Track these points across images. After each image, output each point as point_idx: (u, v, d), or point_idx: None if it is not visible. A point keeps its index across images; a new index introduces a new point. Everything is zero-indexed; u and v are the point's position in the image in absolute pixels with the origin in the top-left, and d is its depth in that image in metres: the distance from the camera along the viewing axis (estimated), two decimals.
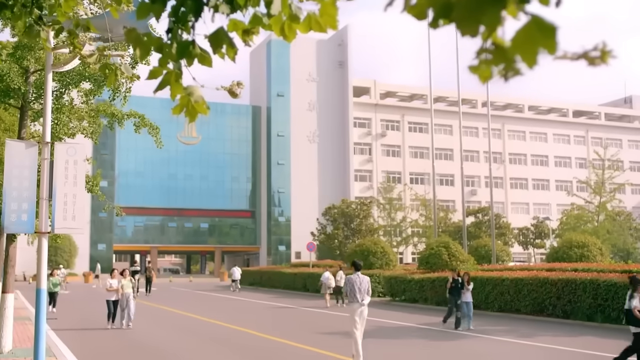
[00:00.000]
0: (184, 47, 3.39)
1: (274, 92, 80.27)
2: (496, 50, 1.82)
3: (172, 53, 3.42)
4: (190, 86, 3.46)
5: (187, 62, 3.45)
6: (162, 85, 3.47)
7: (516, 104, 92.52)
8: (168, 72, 3.45)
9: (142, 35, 3.61)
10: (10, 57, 12.16)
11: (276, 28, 3.35)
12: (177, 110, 3.45)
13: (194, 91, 3.43)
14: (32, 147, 8.97)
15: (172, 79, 3.44)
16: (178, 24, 3.47)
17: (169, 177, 77.58)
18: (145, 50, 3.58)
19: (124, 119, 14.27)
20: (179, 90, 3.43)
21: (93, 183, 14.09)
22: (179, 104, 3.44)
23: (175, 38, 3.43)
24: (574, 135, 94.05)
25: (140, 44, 3.58)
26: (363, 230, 47.80)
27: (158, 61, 3.51)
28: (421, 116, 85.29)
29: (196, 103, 3.42)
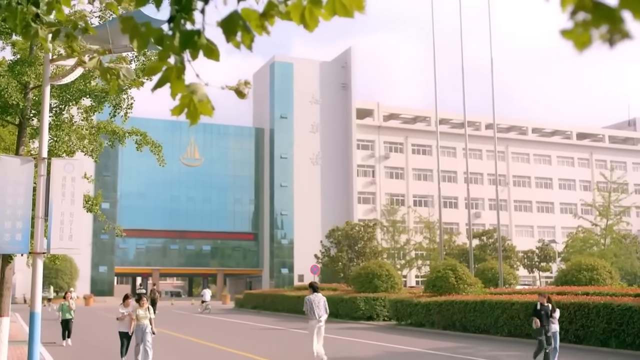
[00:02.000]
0: (188, 37, 2.96)
1: (277, 114, 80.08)
2: (597, 9, 1.39)
3: (173, 45, 2.99)
4: (193, 84, 3.02)
5: (191, 55, 3.02)
6: (161, 82, 3.04)
7: (520, 126, 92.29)
8: (169, 67, 3.02)
9: (140, 25, 3.19)
10: (8, 72, 11.80)
11: (295, 14, 2.93)
12: (177, 110, 3.01)
13: (197, 89, 2.99)
14: (28, 163, 8.56)
15: (173, 75, 3.01)
16: (181, 13, 3.05)
17: (171, 199, 77.14)
18: (144, 41, 3.15)
19: (125, 137, 13.88)
20: (181, 88, 2.99)
21: (93, 202, 13.67)
22: (179, 104, 3.01)
23: (177, 27, 3.01)
24: (578, 158, 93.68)
25: (138, 35, 3.15)
26: (367, 252, 47.20)
27: (158, 55, 3.08)
28: (424, 138, 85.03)
29: (200, 102, 2.98)
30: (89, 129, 13.80)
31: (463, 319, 25.49)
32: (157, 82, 3.13)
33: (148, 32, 3.12)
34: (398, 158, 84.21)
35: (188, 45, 2.98)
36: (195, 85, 3.00)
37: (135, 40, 3.15)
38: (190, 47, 2.98)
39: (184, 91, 3.00)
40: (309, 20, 2.92)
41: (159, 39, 3.06)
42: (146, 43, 3.18)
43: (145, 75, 3.62)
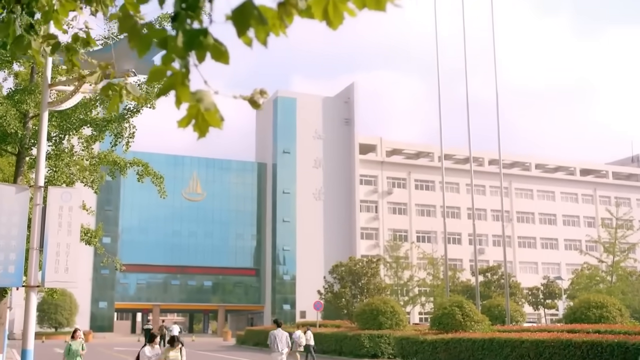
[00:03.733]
0: (194, 36, 2.58)
1: (280, 149, 79.92)
2: None
3: (178, 46, 2.62)
4: (200, 91, 2.62)
5: (198, 58, 2.64)
6: (164, 89, 2.65)
7: (523, 162, 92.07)
8: (173, 72, 2.64)
9: (141, 27, 2.81)
10: (7, 100, 11.49)
11: (318, 9, 2.56)
12: (184, 122, 2.62)
13: (204, 96, 2.59)
14: (23, 191, 8.17)
15: (178, 81, 2.63)
16: (187, 10, 2.68)
17: (173, 233, 76.62)
18: (145, 44, 2.77)
19: (126, 168, 13.53)
20: (186, 95, 2.61)
21: (92, 235, 13.26)
22: (186, 115, 2.62)
23: (182, 26, 2.63)
24: (581, 194, 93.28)
25: (139, 36, 2.78)
26: (371, 288, 46.61)
27: (161, 59, 2.70)
28: (428, 174, 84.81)
29: (207, 112, 2.58)
30: (90, 159, 13.45)
31: (471, 358, 24.85)
32: (160, 89, 2.74)
33: (150, 33, 2.75)
34: (401, 193, 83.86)
35: (193, 46, 2.60)
36: (202, 92, 2.61)
37: (136, 43, 2.78)
38: (195, 48, 2.60)
39: (189, 100, 2.62)
40: (333, 16, 2.55)
41: (162, 41, 2.69)
42: (148, 45, 2.80)
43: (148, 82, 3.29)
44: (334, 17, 2.52)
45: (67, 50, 4.65)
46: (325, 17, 2.52)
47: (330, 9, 2.51)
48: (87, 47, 4.60)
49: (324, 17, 2.53)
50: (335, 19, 2.53)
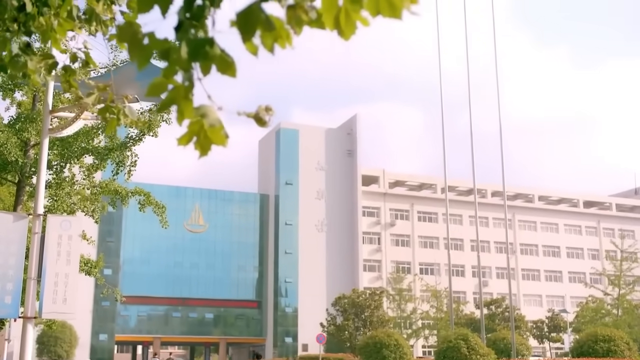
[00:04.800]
0: (199, 45, 2.41)
1: (283, 181, 79.80)
2: None
3: (181, 57, 2.44)
4: (203, 106, 2.44)
5: (202, 70, 2.46)
6: (166, 103, 2.46)
7: (526, 194, 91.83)
8: (175, 86, 2.46)
9: (142, 36, 2.64)
10: (8, 128, 11.38)
11: (329, 18, 2.39)
12: (185, 139, 2.43)
13: (208, 112, 2.40)
14: (22, 219, 7.99)
15: (181, 95, 2.45)
16: (191, 20, 2.52)
17: (175, 265, 76.19)
18: (145, 55, 2.60)
19: (128, 197, 13.37)
20: (189, 110, 2.42)
21: (92, 265, 13.05)
22: (187, 131, 2.43)
23: (185, 35, 2.46)
24: (585, 226, 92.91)
25: (139, 47, 2.60)
26: (374, 321, 46.11)
27: (162, 72, 2.52)
28: (430, 206, 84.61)
29: (211, 128, 2.39)
30: (91, 188, 13.30)
31: None
32: (161, 103, 2.55)
33: (151, 44, 2.57)
34: (404, 225, 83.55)
35: (198, 56, 2.42)
36: (206, 107, 2.43)
37: (135, 54, 2.61)
38: (200, 59, 2.43)
39: (192, 115, 2.44)
40: (345, 26, 2.38)
41: (164, 52, 2.51)
42: (148, 57, 2.62)
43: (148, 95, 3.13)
44: (346, 26, 2.36)
45: (64, 71, 4.50)
46: (336, 26, 2.37)
47: (342, 18, 2.35)
48: (86, 67, 4.45)
49: (336, 26, 2.37)
50: (347, 29, 2.37)
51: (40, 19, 3.98)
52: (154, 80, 2.51)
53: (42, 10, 3.95)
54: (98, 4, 4.37)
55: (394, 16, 2.32)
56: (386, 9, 2.29)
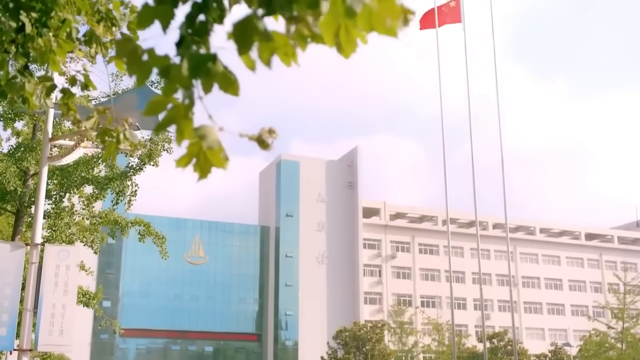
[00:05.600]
0: (201, 61, 2.30)
1: (283, 212, 79.66)
2: None
3: (181, 75, 2.33)
4: (203, 126, 2.31)
5: (204, 87, 2.35)
6: (165, 123, 2.33)
7: (527, 226, 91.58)
8: (175, 104, 2.35)
9: (142, 52, 2.53)
10: (8, 157, 11.29)
11: (328, 33, 2.28)
12: (184, 161, 2.30)
13: (208, 133, 2.27)
14: (19, 249, 7.85)
15: (181, 114, 2.33)
16: (194, 35, 2.41)
17: (174, 297, 75.71)
18: (145, 72, 2.48)
19: (128, 227, 13.24)
20: (189, 130, 2.31)
21: (90, 297, 12.87)
22: (186, 153, 2.30)
23: (187, 51, 2.35)
24: (587, 259, 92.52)
25: (138, 64, 2.49)
26: (376, 355, 45.64)
27: (162, 89, 2.41)
28: (432, 238, 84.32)
29: (210, 150, 2.26)
30: (90, 218, 13.17)
31: None
32: (160, 123, 2.43)
33: (151, 61, 2.46)
34: (405, 258, 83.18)
35: (200, 73, 2.31)
36: (205, 128, 2.30)
37: (134, 70, 2.50)
38: (202, 75, 2.31)
39: (192, 136, 2.32)
40: (345, 42, 2.27)
41: (164, 69, 2.40)
42: (148, 74, 2.50)
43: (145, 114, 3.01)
44: (346, 43, 2.24)
45: (63, 94, 4.41)
46: (336, 42, 2.26)
47: (342, 34, 2.24)
48: (85, 89, 4.36)
49: (335, 42, 2.26)
50: (347, 46, 2.25)
51: (39, 40, 3.89)
52: (153, 98, 2.40)
53: (41, 32, 3.86)
54: (98, 25, 4.30)
55: (388, 34, 2.21)
56: (379, 26, 2.19)
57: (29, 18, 3.81)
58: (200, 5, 2.45)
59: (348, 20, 2.21)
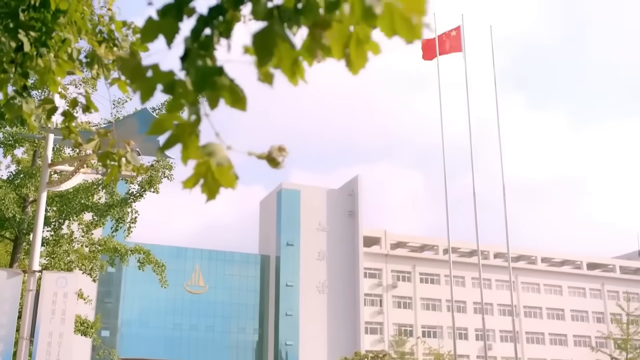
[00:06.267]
0: (207, 74, 2.20)
1: (284, 241, 79.39)
2: None
3: (187, 91, 2.22)
4: (211, 143, 2.20)
5: (210, 102, 2.24)
6: (170, 141, 2.22)
7: (529, 256, 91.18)
8: (180, 122, 2.23)
9: (146, 68, 2.42)
10: (7, 184, 11.18)
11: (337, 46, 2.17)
12: (191, 182, 2.18)
13: (216, 150, 2.16)
14: (16, 276, 7.70)
15: (187, 132, 2.22)
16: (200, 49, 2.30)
17: (174, 327, 75.11)
18: (149, 88, 2.38)
19: (127, 255, 13.08)
20: (195, 149, 2.20)
21: (88, 325, 12.68)
22: (193, 173, 2.19)
23: (193, 64, 2.24)
24: (589, 288, 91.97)
25: (142, 80, 2.38)
26: None
27: (166, 106, 2.29)
28: (433, 267, 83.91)
29: (219, 168, 2.15)
30: (89, 246, 13.02)
31: None
32: (165, 142, 2.32)
33: (155, 77, 2.35)
34: (406, 287, 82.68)
35: (206, 87, 2.20)
36: (213, 145, 2.18)
37: (138, 85, 2.39)
38: (208, 89, 2.20)
39: (199, 155, 2.20)
40: (355, 56, 2.16)
41: (169, 85, 2.30)
42: (152, 90, 2.39)
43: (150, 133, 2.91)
44: (356, 56, 2.13)
45: (64, 116, 4.31)
46: (344, 56, 2.15)
47: (352, 46, 2.12)
48: (87, 112, 4.26)
49: (344, 56, 2.15)
50: (357, 60, 2.14)
51: (38, 60, 3.80)
52: (158, 116, 2.29)
53: (40, 51, 3.77)
54: (100, 46, 4.21)
55: (411, 37, 2.09)
56: (403, 27, 2.06)
57: (28, 37, 3.72)
58: (206, 18, 2.35)
59: (363, 26, 2.10)
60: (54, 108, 4.43)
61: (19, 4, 3.82)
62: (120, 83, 4.41)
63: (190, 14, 2.36)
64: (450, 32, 39.68)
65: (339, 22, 2.11)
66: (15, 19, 3.86)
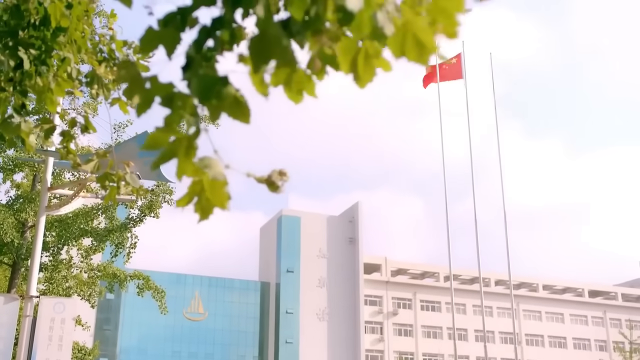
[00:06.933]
0: (210, 83, 2.12)
1: (284, 268, 79.06)
2: None
3: (187, 103, 2.14)
4: (207, 157, 2.11)
5: (211, 114, 2.16)
6: (166, 156, 2.14)
7: (530, 283, 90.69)
8: (178, 137, 2.15)
9: (144, 80, 2.34)
10: (6, 208, 11.09)
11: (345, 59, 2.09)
12: (184, 201, 2.09)
13: (213, 164, 2.06)
14: (13, 302, 7.57)
15: (183, 146, 2.13)
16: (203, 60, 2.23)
17: (173, 354, 74.48)
18: (146, 100, 2.30)
19: (127, 281, 12.94)
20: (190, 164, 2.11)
21: (86, 352, 12.50)
22: (187, 192, 2.09)
23: (195, 74, 2.16)
24: (591, 316, 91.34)
25: (140, 90, 2.30)
26: None
27: (164, 120, 2.21)
28: (433, 294, 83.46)
29: (213, 183, 2.06)
30: (88, 271, 12.89)
31: None
32: (159, 157, 2.22)
33: (154, 89, 2.27)
34: (406, 314, 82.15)
35: (209, 97, 2.12)
36: (210, 159, 2.09)
37: (136, 97, 2.31)
38: (212, 99, 2.12)
39: (194, 169, 2.10)
40: (363, 71, 2.08)
41: (167, 98, 2.21)
42: (149, 102, 2.31)
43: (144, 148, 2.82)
44: (364, 71, 2.06)
45: (63, 137, 4.24)
46: (352, 70, 2.07)
47: (361, 60, 2.05)
48: (85, 132, 4.18)
49: (352, 70, 2.08)
50: (364, 74, 2.06)
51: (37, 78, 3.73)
52: (154, 131, 2.20)
53: (40, 69, 3.71)
54: (100, 65, 4.15)
55: (420, 60, 2.02)
56: (413, 50, 1.99)
57: (27, 55, 3.66)
58: (209, 30, 2.27)
59: (370, 44, 2.04)
60: (52, 127, 4.36)
61: (19, 23, 3.77)
62: (121, 103, 4.34)
63: (193, 24, 2.28)
64: (451, 59, 39.83)
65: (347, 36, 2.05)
66: (14, 37, 3.80)
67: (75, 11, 3.60)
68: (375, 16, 1.96)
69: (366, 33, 1.99)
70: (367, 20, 1.96)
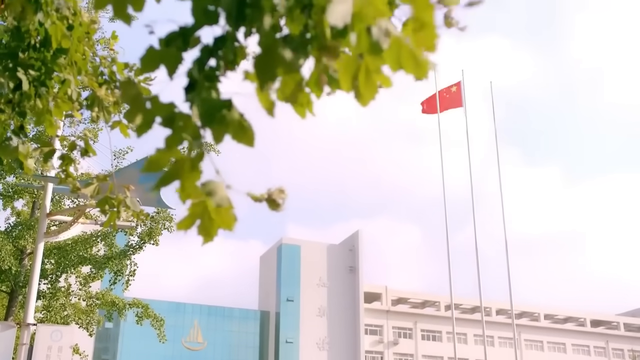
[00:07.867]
0: (214, 108, 2.07)
1: (284, 297, 78.59)
2: None
3: (188, 124, 2.09)
4: (210, 181, 2.05)
5: (215, 137, 2.11)
6: (167, 178, 2.09)
7: (531, 312, 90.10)
8: (179, 158, 2.09)
9: (145, 100, 2.29)
10: (4, 235, 11.00)
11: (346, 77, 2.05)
12: (186, 223, 2.03)
13: (216, 189, 2.01)
14: (10, 329, 7.46)
15: (186, 168, 2.07)
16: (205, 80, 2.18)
17: None
18: (147, 120, 2.25)
19: (125, 309, 12.80)
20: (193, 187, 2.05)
21: None
22: (188, 214, 2.04)
23: (199, 96, 2.11)
24: (594, 346, 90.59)
25: (140, 110, 2.25)
26: None
27: (165, 140, 2.16)
28: (434, 324, 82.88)
29: (218, 208, 2.01)
30: (87, 299, 12.75)
31: None
32: (160, 179, 2.16)
33: (154, 109, 2.22)
34: (407, 344, 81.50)
35: (213, 121, 2.07)
36: (213, 183, 2.03)
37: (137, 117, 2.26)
38: (216, 124, 2.07)
39: (197, 194, 2.05)
40: (364, 88, 2.05)
41: (168, 118, 2.16)
42: (150, 123, 2.26)
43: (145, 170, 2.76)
44: (365, 88, 2.02)
45: (62, 160, 4.18)
46: (353, 88, 2.03)
47: (362, 77, 2.01)
48: (85, 155, 4.13)
49: (353, 88, 2.04)
50: (366, 92, 2.03)
51: (36, 100, 3.68)
52: (155, 152, 2.15)
53: (39, 91, 3.66)
54: (100, 88, 4.11)
55: (417, 74, 1.98)
56: (409, 63, 1.96)
57: (27, 76, 3.61)
58: (211, 49, 2.23)
59: (370, 59, 2.00)
60: (52, 151, 4.31)
61: (19, 45, 3.73)
62: (122, 126, 4.29)
63: (195, 44, 2.24)
64: (451, 87, 39.96)
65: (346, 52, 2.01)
66: (14, 59, 3.76)
67: (76, 32, 3.56)
68: (370, 30, 1.93)
69: (364, 47, 1.95)
70: (362, 35, 1.93)
